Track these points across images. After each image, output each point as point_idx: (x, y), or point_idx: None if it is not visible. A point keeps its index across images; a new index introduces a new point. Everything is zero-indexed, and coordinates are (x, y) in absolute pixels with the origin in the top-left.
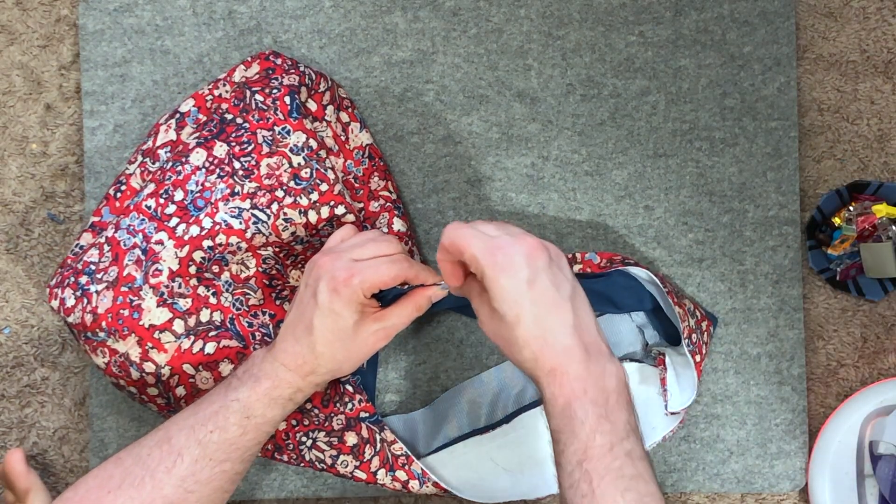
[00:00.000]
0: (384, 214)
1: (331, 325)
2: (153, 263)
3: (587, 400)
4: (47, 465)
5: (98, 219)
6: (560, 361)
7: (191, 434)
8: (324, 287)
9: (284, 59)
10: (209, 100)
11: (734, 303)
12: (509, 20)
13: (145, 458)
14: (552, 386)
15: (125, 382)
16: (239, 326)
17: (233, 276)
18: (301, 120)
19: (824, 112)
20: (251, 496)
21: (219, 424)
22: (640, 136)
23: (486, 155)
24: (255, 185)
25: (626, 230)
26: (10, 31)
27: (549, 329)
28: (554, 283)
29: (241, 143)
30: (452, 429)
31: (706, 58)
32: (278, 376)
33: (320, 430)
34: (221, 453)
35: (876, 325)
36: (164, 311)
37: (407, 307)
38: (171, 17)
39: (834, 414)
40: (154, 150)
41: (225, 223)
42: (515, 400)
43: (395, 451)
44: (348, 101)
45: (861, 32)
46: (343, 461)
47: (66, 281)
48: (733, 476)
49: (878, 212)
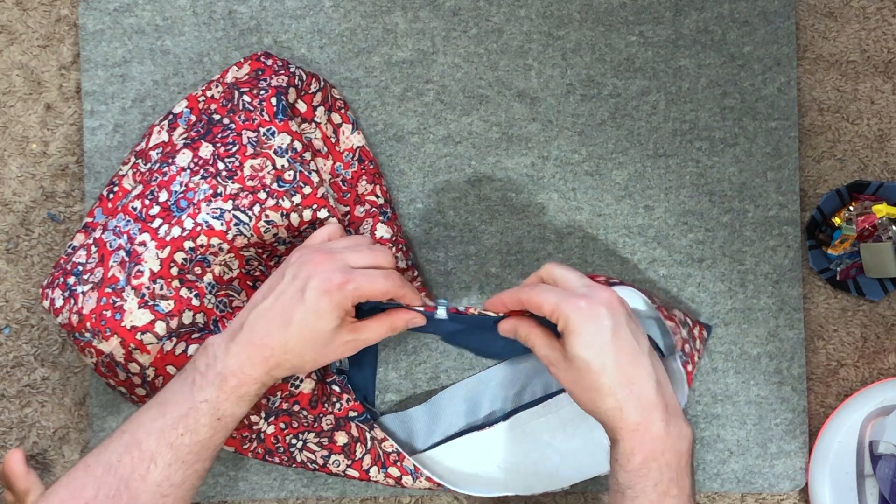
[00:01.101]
0: (368, 220)
1: (311, 324)
2: (135, 265)
3: (664, 461)
4: (47, 465)
5: (91, 219)
6: (644, 417)
7: (161, 437)
8: (315, 285)
9: (275, 60)
10: (201, 101)
11: (734, 303)
12: (509, 20)
13: (115, 464)
14: (632, 441)
15: (115, 382)
16: (222, 328)
17: (216, 278)
18: (287, 122)
19: (824, 112)
20: (251, 496)
21: (189, 427)
22: (640, 136)
23: (486, 155)
24: (238, 186)
25: (626, 230)
26: (10, 31)
27: (633, 381)
28: (635, 336)
29: (226, 144)
30: (450, 426)
31: (706, 58)
32: (244, 372)
33: (310, 431)
34: (193, 455)
35: (876, 325)
36: (146, 313)
37: (383, 325)
38: (171, 17)
39: (834, 414)
40: (146, 151)
41: (206, 224)
42: (514, 399)
43: (385, 448)
44: (342, 101)
45: (861, 32)
46: (335, 461)
47: (55, 281)
48: (733, 476)
49: (878, 212)
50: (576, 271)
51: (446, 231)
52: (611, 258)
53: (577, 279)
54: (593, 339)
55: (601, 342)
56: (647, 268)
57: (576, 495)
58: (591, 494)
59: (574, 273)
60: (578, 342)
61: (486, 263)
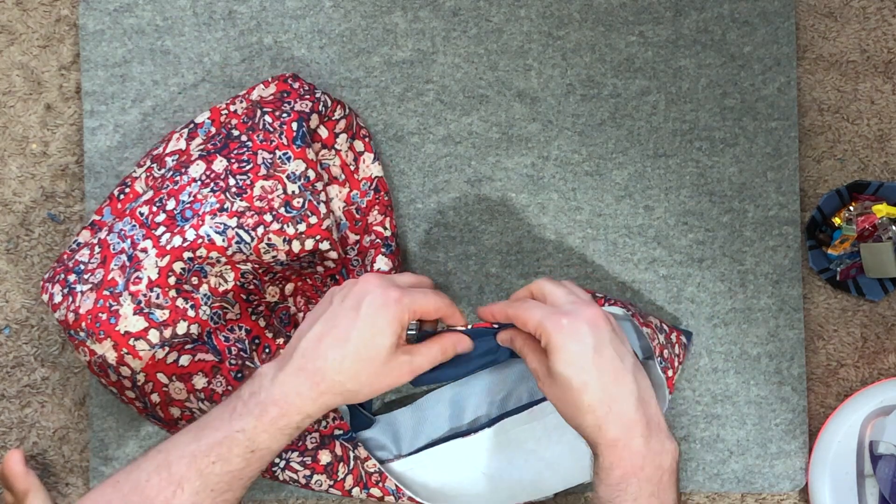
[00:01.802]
0: (371, 251)
1: (369, 340)
2: (135, 271)
3: (643, 476)
4: (47, 465)
5: (99, 217)
6: (624, 433)
7: (192, 463)
8: (371, 300)
9: (302, 84)
10: (224, 114)
11: (734, 303)
12: (509, 20)
13: (143, 484)
14: (611, 457)
15: (106, 382)
16: (216, 340)
17: (211, 289)
18: (304, 149)
19: (824, 112)
20: (251, 496)
21: (222, 456)
22: (640, 136)
23: (486, 155)
24: (246, 204)
25: (626, 230)
26: (10, 31)
27: (614, 398)
28: (618, 353)
29: (240, 161)
30: (435, 429)
31: (706, 58)
32: (288, 402)
33: (293, 450)
34: (223, 485)
35: (876, 325)
36: (140, 320)
37: (433, 348)
38: (171, 17)
39: (834, 414)
40: (163, 156)
41: (208, 237)
42: (500, 405)
43: (368, 468)
44: (366, 130)
45: (861, 32)
46: (317, 480)
47: (56, 277)
48: (733, 476)
49: (879, 212)
50: (565, 286)
51: (446, 231)
52: (611, 258)
53: (564, 295)
54: (575, 358)
55: (582, 360)
56: (647, 268)
57: (576, 495)
58: (590, 494)
59: (562, 288)
60: (560, 359)
61: (486, 263)
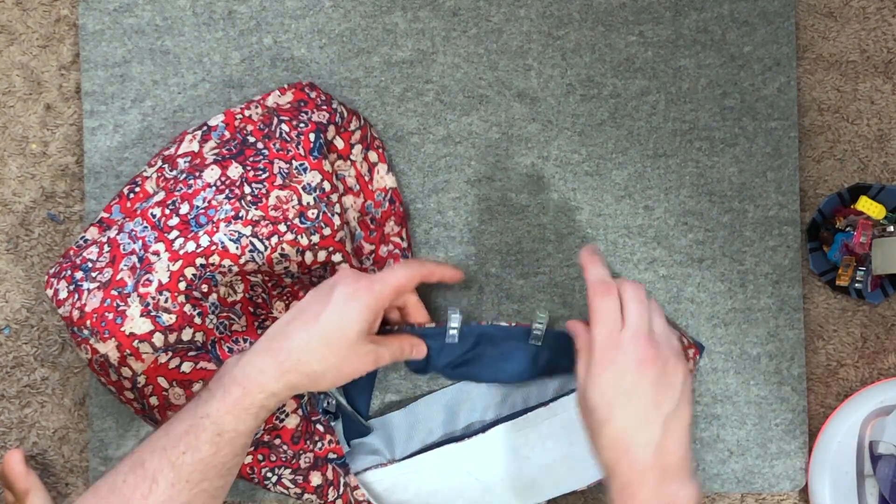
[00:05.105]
0: (390, 261)
1: (336, 323)
2: (146, 273)
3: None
4: (47, 465)
5: (107, 215)
6: (633, 479)
7: (163, 456)
8: (342, 288)
9: (319, 94)
10: (238, 119)
11: (734, 303)
12: (509, 20)
13: (120, 485)
14: (621, 498)
15: (105, 381)
16: (219, 350)
17: (220, 299)
18: (321, 160)
19: (824, 112)
20: (251, 496)
21: (190, 445)
22: (640, 136)
23: (486, 155)
24: (261, 213)
25: (626, 230)
26: (10, 31)
27: (632, 443)
28: (655, 399)
29: (256, 169)
30: (428, 433)
31: (706, 58)
32: (250, 380)
33: (287, 466)
34: (197, 474)
35: (876, 326)
36: (147, 322)
37: (393, 344)
38: (171, 17)
39: (834, 414)
40: (175, 157)
41: (221, 245)
42: (495, 410)
43: (357, 496)
44: (379, 141)
45: (861, 32)
46: (307, 499)
47: (63, 272)
48: (733, 476)
49: (871, 212)
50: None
51: (446, 231)
52: (611, 258)
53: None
54: (605, 390)
55: (611, 398)
56: (647, 268)
57: (576, 495)
58: (591, 494)
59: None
60: (592, 384)
61: (486, 263)
